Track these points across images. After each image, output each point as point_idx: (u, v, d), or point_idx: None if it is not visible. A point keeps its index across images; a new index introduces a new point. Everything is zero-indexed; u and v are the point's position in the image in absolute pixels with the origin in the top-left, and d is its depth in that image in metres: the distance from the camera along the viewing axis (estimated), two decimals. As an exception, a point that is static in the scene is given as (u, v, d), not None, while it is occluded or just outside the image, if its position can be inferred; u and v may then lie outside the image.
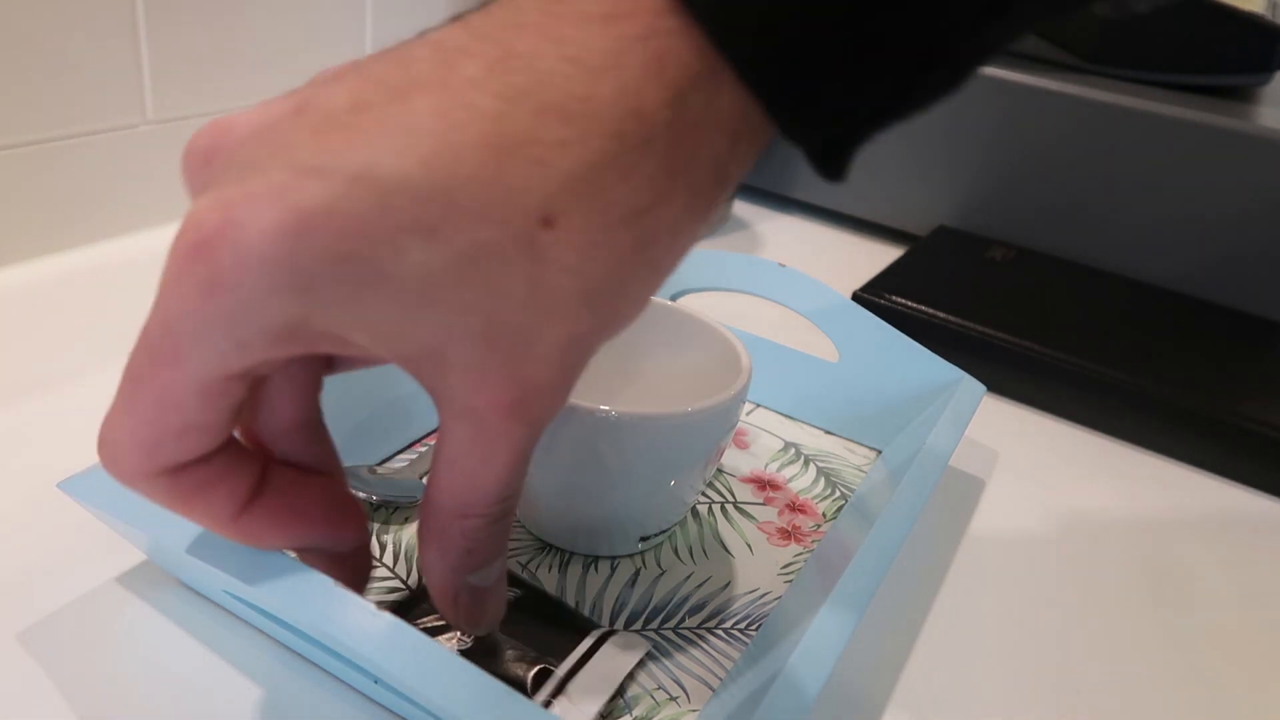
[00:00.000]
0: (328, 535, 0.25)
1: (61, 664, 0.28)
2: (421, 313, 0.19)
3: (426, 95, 0.18)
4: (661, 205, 0.19)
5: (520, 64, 0.18)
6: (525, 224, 0.18)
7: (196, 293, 0.18)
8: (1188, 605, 0.38)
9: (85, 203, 0.53)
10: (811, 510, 0.40)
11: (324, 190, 0.18)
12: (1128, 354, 0.50)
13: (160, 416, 0.20)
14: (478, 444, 0.21)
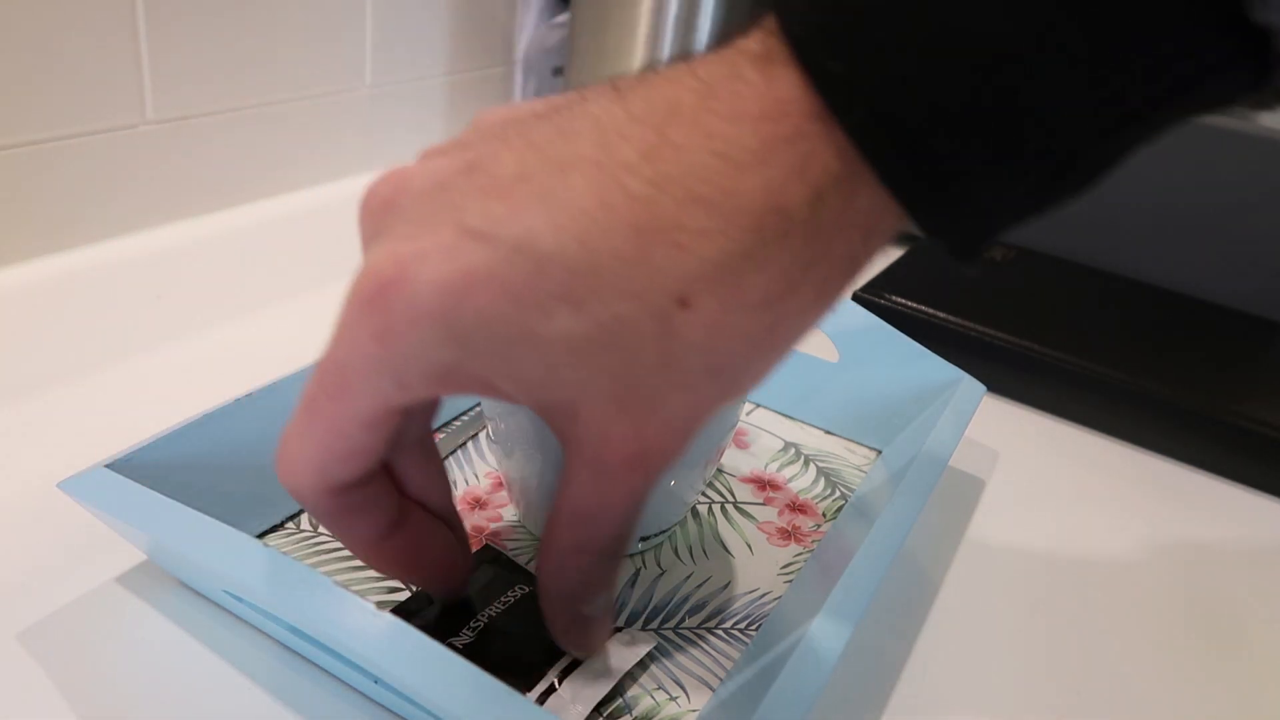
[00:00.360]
0: (441, 581, 0.28)
1: (61, 664, 0.28)
2: (562, 370, 0.21)
3: (584, 174, 0.20)
4: (792, 295, 0.21)
5: (672, 154, 0.20)
6: (663, 302, 0.20)
7: (370, 338, 0.21)
8: (1187, 605, 0.38)
9: (85, 203, 0.53)
10: (811, 510, 0.40)
11: (488, 255, 0.20)
12: (1128, 354, 0.50)
13: (331, 441, 0.23)
14: (599, 489, 0.23)
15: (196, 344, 0.46)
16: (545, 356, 0.20)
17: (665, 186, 0.20)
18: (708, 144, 0.20)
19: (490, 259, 0.20)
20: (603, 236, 0.20)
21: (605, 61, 0.62)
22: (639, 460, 0.22)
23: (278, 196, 0.64)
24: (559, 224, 0.20)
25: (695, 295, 0.20)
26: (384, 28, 0.67)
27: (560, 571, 0.25)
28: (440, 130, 0.76)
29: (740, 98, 0.20)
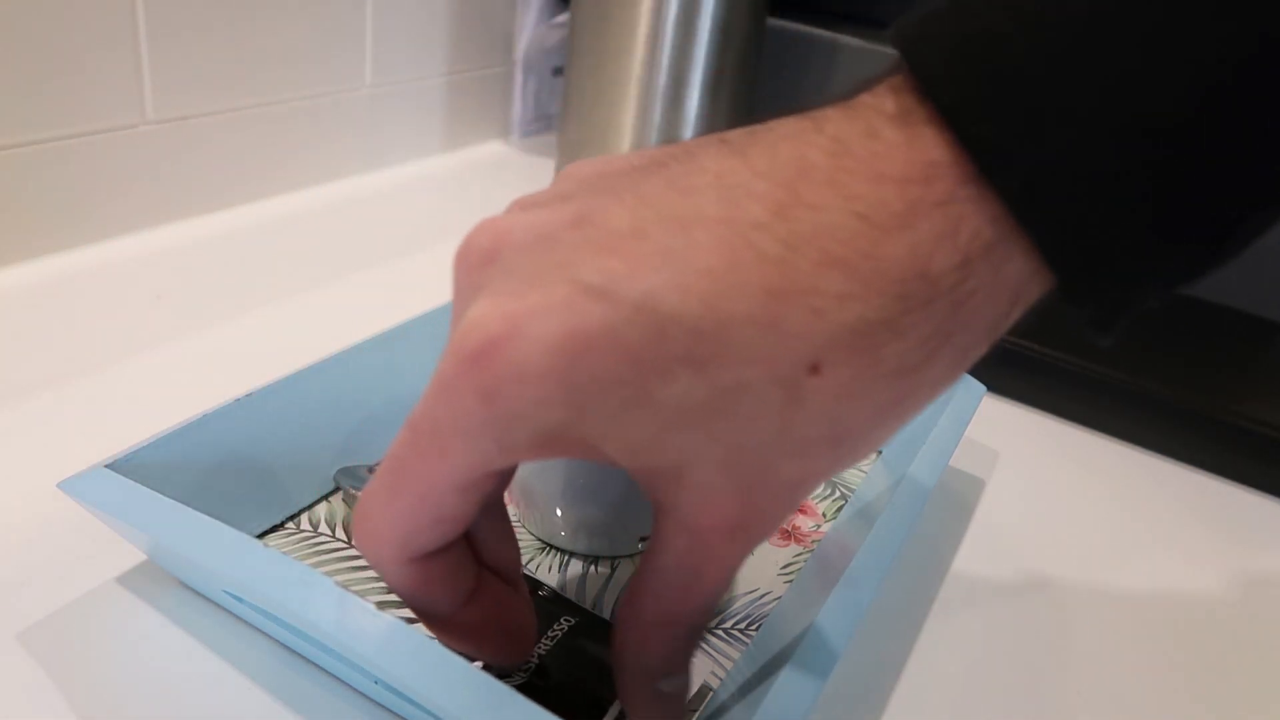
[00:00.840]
0: (508, 652, 0.26)
1: (61, 664, 0.28)
2: (673, 434, 0.19)
3: (709, 231, 0.19)
4: (929, 365, 0.20)
5: (806, 214, 0.19)
6: (792, 370, 0.19)
7: (474, 398, 0.19)
8: (1187, 605, 0.38)
9: (85, 203, 0.53)
10: (811, 510, 0.40)
11: (607, 314, 0.18)
12: (1128, 354, 0.50)
13: (419, 508, 0.21)
14: (693, 558, 0.21)
15: (196, 344, 0.46)
16: (657, 420, 0.19)
17: (799, 247, 0.18)
18: (846, 205, 0.19)
19: (609, 318, 0.18)
20: (731, 298, 0.18)
21: (605, 61, 0.62)
22: (740, 530, 0.21)
23: (278, 196, 0.64)
24: (683, 284, 0.18)
25: (827, 363, 0.19)
26: (384, 28, 0.67)
27: (643, 644, 0.23)
28: (440, 130, 0.76)
29: (880, 158, 0.19)
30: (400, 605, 0.31)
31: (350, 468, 0.36)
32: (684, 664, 0.24)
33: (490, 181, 0.73)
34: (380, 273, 0.56)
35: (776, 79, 0.72)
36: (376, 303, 0.52)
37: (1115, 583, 0.39)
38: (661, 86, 0.61)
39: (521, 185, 0.73)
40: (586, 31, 0.63)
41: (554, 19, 0.75)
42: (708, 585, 0.22)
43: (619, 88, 0.62)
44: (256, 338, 0.47)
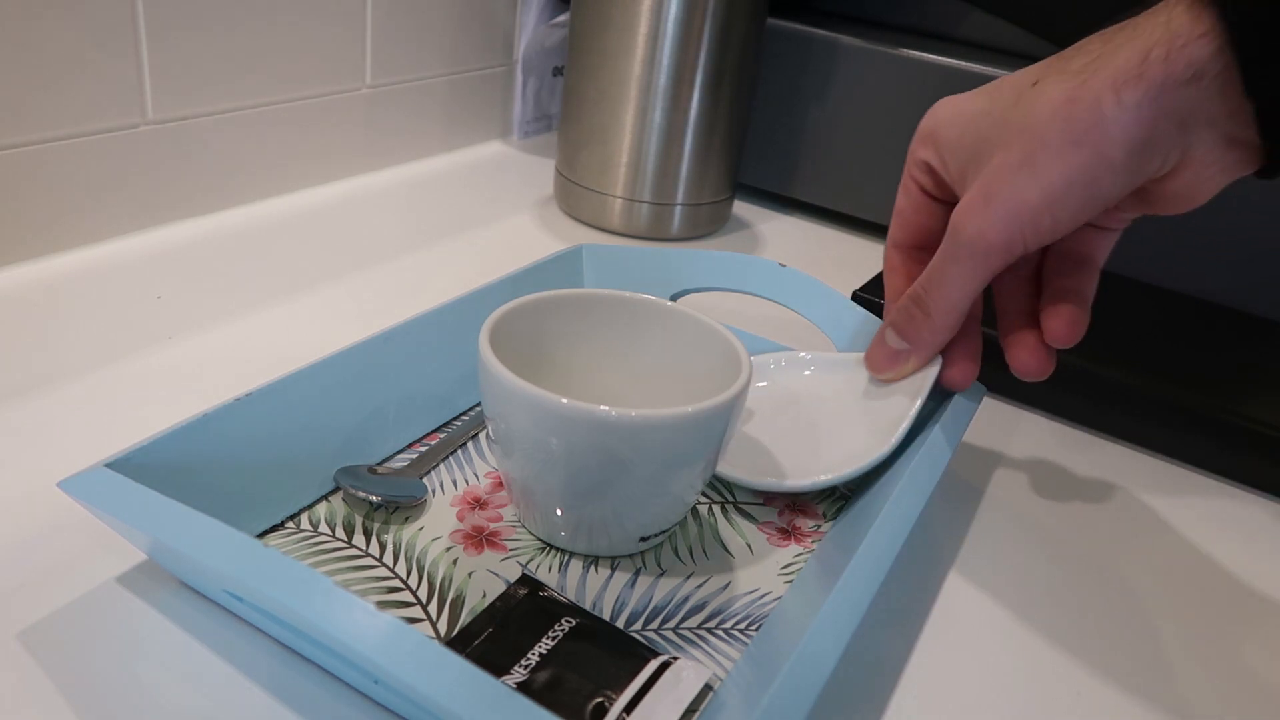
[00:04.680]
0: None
1: (61, 664, 0.28)
2: (971, 137, 0.37)
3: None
4: (1097, 73, 0.32)
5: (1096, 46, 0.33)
6: (1026, 83, 0.35)
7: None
8: (1188, 605, 0.38)
9: (85, 203, 0.53)
10: (811, 510, 0.40)
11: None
12: (1128, 354, 0.50)
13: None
14: (947, 236, 0.37)
15: (196, 344, 0.46)
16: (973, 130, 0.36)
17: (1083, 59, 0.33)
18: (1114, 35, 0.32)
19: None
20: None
21: (605, 61, 0.62)
22: (959, 220, 0.35)
23: (278, 196, 0.64)
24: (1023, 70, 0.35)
25: (1044, 78, 0.33)
26: (384, 28, 0.67)
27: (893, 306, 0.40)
28: (440, 130, 0.76)
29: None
30: (400, 605, 0.31)
31: (350, 468, 0.36)
32: (901, 326, 0.39)
33: (490, 181, 0.73)
34: (380, 273, 0.56)
35: (776, 79, 0.72)
36: (376, 303, 0.52)
37: (1115, 583, 0.39)
38: (661, 86, 0.61)
39: (521, 185, 0.73)
40: (586, 31, 0.63)
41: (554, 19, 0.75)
42: (942, 260, 0.36)
43: (619, 88, 0.62)
44: (256, 338, 0.47)
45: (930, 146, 0.38)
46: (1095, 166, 0.32)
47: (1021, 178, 0.33)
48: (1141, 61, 0.30)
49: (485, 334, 0.34)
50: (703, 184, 0.66)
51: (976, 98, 0.36)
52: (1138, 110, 0.31)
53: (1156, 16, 0.31)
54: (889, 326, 0.39)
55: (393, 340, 0.39)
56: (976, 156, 0.35)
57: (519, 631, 0.30)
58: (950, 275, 0.36)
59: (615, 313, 0.39)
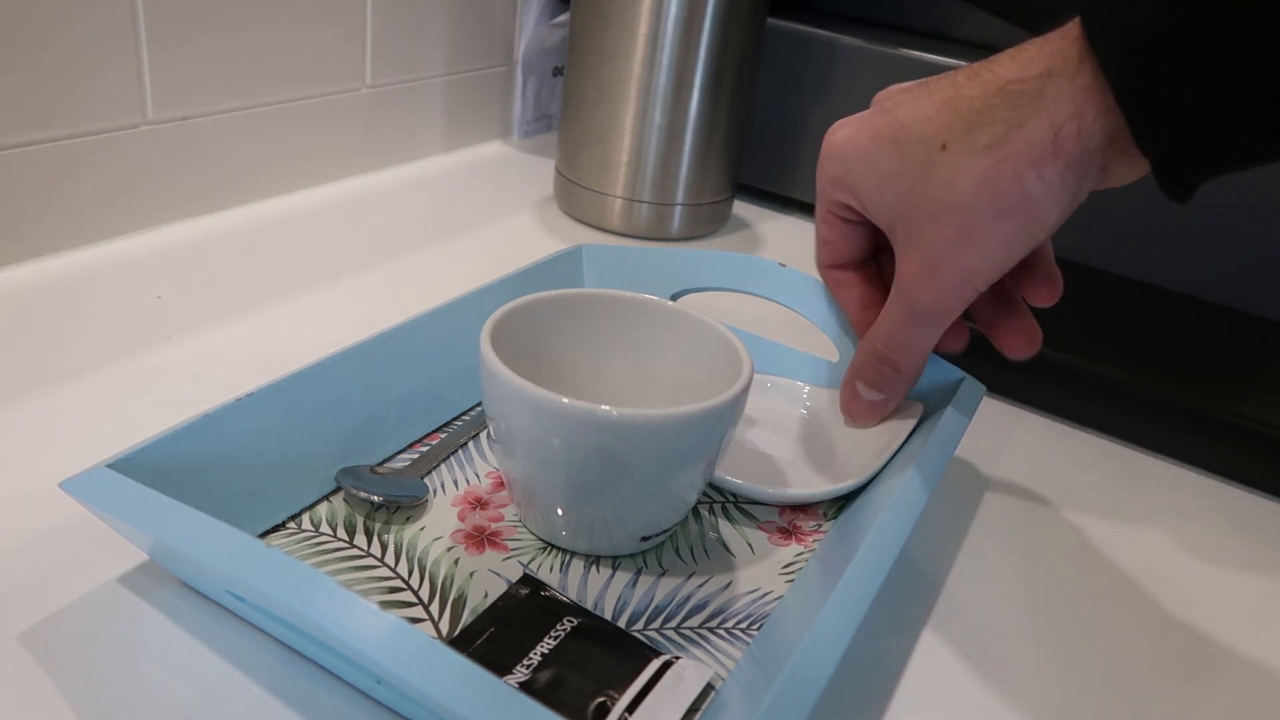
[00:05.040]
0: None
1: (62, 664, 0.28)
2: (883, 192, 0.37)
3: (935, 98, 0.35)
4: (1005, 144, 0.32)
5: (985, 78, 0.34)
6: (935, 145, 0.34)
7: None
8: (1188, 605, 0.38)
9: (85, 203, 0.53)
10: (812, 510, 0.40)
11: (877, 119, 0.37)
12: (1128, 354, 0.51)
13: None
14: (890, 305, 0.39)
15: (196, 344, 0.46)
16: (878, 178, 0.36)
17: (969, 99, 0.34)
18: (998, 69, 0.33)
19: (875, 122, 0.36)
20: (929, 119, 0.34)
21: (605, 61, 0.62)
22: (909, 287, 0.36)
23: (278, 196, 0.64)
24: (919, 112, 0.35)
25: (951, 142, 0.33)
26: (384, 28, 0.67)
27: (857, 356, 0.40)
28: (440, 130, 0.76)
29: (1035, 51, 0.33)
30: (402, 605, 0.31)
31: (351, 468, 0.36)
32: (873, 381, 0.40)
33: (490, 181, 0.73)
34: (380, 273, 0.56)
35: (776, 79, 0.72)
36: (376, 303, 0.52)
37: (1115, 583, 0.39)
38: (661, 86, 0.61)
39: (521, 185, 0.73)
40: (586, 31, 0.63)
41: (554, 19, 0.75)
42: (889, 323, 0.38)
43: (619, 88, 0.62)
44: (256, 338, 0.47)
45: (847, 193, 0.38)
46: (1030, 230, 0.33)
47: (962, 250, 0.34)
48: (1054, 139, 0.31)
49: (486, 334, 0.34)
50: (703, 184, 0.66)
51: (882, 151, 0.36)
52: (1061, 182, 0.32)
53: (1055, 84, 0.31)
54: (859, 381, 0.40)
55: (393, 340, 0.39)
56: (905, 219, 0.35)
57: (521, 631, 0.30)
58: (913, 337, 0.38)
59: (615, 313, 0.39)
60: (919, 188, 0.34)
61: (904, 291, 0.37)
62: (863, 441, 0.41)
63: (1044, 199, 0.32)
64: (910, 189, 0.35)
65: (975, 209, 0.33)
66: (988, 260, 0.34)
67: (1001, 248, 0.34)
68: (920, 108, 0.35)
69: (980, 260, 0.34)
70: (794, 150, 0.73)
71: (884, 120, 0.36)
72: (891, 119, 0.36)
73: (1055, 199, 0.32)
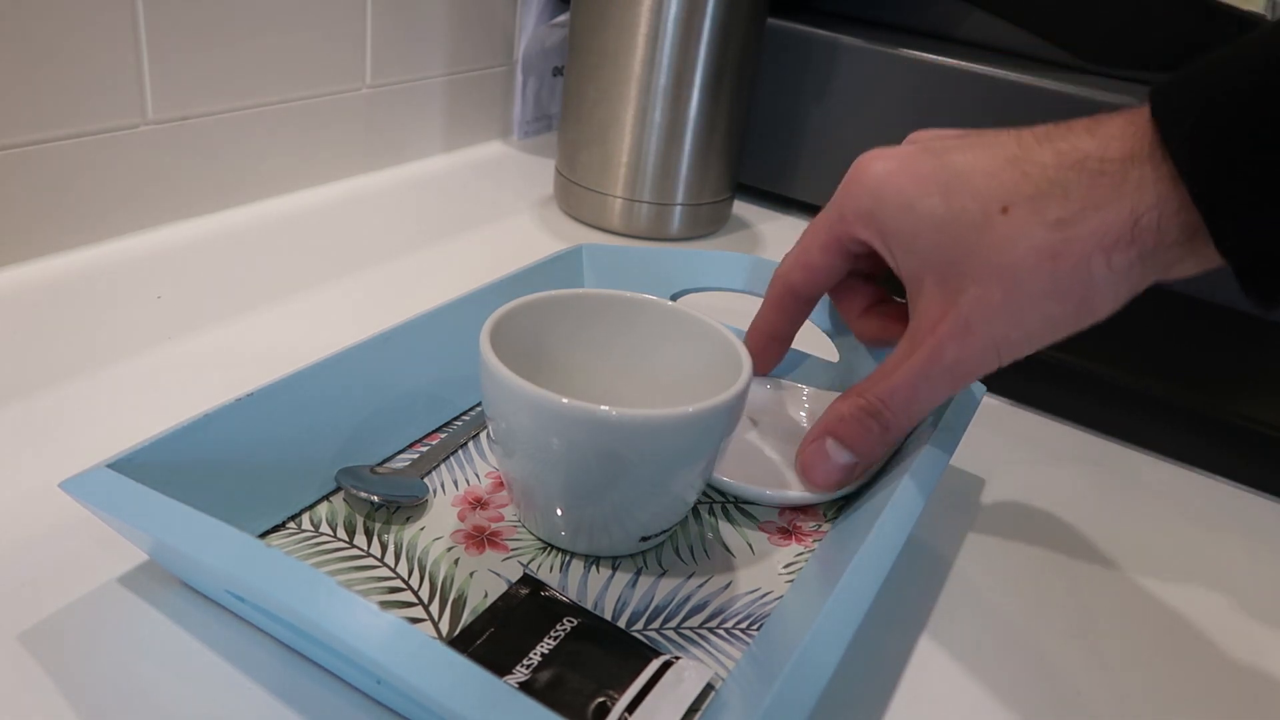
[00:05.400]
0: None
1: (62, 664, 0.28)
2: (918, 240, 0.34)
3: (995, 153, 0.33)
4: (1079, 224, 0.30)
5: (1056, 147, 0.32)
6: (994, 206, 0.32)
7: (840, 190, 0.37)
8: (1188, 606, 0.38)
9: (85, 203, 0.53)
10: (812, 510, 0.40)
11: (928, 161, 0.34)
12: (1128, 354, 0.51)
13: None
14: (900, 353, 0.36)
15: (196, 344, 0.46)
16: (914, 223, 0.33)
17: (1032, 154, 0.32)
18: (1071, 141, 0.31)
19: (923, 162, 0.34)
20: (987, 171, 0.32)
21: (605, 61, 0.62)
22: (936, 344, 0.33)
23: (278, 196, 0.64)
24: (978, 165, 0.32)
25: (1014, 206, 0.31)
26: (384, 28, 0.67)
27: (835, 408, 0.37)
28: (440, 130, 0.76)
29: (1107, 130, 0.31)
30: (402, 605, 0.31)
31: (351, 468, 0.36)
32: (852, 440, 0.36)
33: (490, 181, 0.73)
34: (380, 273, 0.56)
35: (776, 79, 0.72)
36: (376, 303, 0.52)
37: (1115, 583, 0.39)
38: (661, 86, 0.61)
39: (521, 185, 0.73)
40: (586, 31, 0.63)
41: (554, 19, 0.75)
42: (900, 378, 0.35)
43: (619, 88, 0.62)
44: (256, 338, 0.47)
45: (874, 232, 0.35)
46: (1078, 315, 0.32)
47: (1003, 318, 0.32)
48: (1132, 225, 0.30)
49: (486, 334, 0.34)
50: (703, 184, 0.66)
51: (926, 196, 0.33)
52: (1128, 273, 0.30)
53: (1139, 171, 0.30)
54: (830, 437, 0.37)
55: (393, 340, 0.39)
56: (941, 274, 0.33)
57: (521, 631, 0.30)
58: (922, 393, 0.35)
59: (615, 313, 0.39)
60: (967, 245, 0.32)
61: (927, 346, 0.34)
62: None
63: (1106, 288, 0.31)
64: (954, 244, 0.32)
65: (1030, 282, 0.31)
66: (1025, 335, 0.32)
67: (1044, 326, 0.32)
68: (979, 160, 0.32)
69: (1018, 333, 0.32)
70: (794, 150, 0.73)
71: (932, 164, 0.33)
72: (942, 165, 0.33)
73: (1116, 289, 0.31)
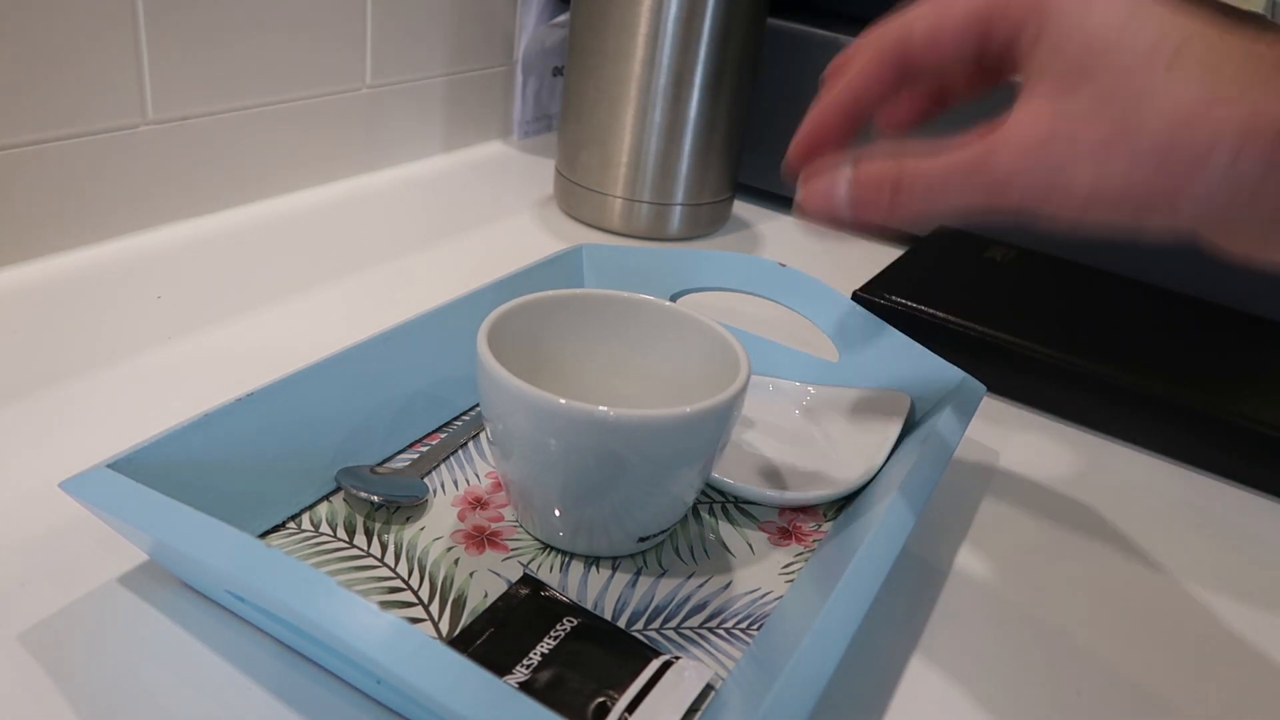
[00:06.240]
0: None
1: (62, 664, 0.28)
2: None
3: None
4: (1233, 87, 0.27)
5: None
6: (1164, 51, 0.27)
7: None
8: (1188, 606, 0.38)
9: (85, 203, 0.53)
10: (812, 510, 0.40)
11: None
12: (1128, 354, 0.51)
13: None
14: (973, 144, 0.30)
15: (196, 344, 0.46)
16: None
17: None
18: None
19: None
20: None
21: (605, 61, 0.62)
22: (1004, 140, 0.29)
23: (278, 196, 0.64)
24: (1187, 18, 0.28)
25: (1185, 56, 0.27)
26: (384, 28, 0.67)
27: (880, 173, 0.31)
28: (440, 130, 0.76)
29: None
30: (402, 605, 0.31)
31: (351, 468, 0.37)
32: (860, 185, 0.32)
33: (490, 181, 0.73)
34: (380, 273, 0.56)
35: (776, 79, 0.72)
36: (376, 303, 0.52)
37: (1115, 583, 0.39)
38: (661, 86, 0.61)
39: (521, 185, 0.73)
40: (586, 31, 0.63)
41: (554, 19, 0.75)
42: (947, 152, 0.30)
43: (619, 88, 0.62)
44: (256, 338, 0.47)
45: (1037, 16, 0.30)
46: (1159, 202, 0.27)
47: (1089, 155, 0.28)
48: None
49: (484, 334, 0.34)
50: (703, 184, 0.66)
51: (1115, 7, 0.28)
52: (1242, 178, 0.26)
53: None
54: (849, 181, 0.32)
55: (393, 340, 0.39)
56: (1064, 84, 0.28)
57: (521, 631, 0.30)
58: (950, 199, 0.30)
59: (615, 313, 0.39)
60: (1114, 70, 0.27)
61: (988, 143, 0.29)
62: (863, 442, 0.41)
63: (1211, 183, 0.26)
64: (1100, 62, 0.27)
65: (1144, 134, 0.27)
66: (1094, 188, 0.28)
67: (1120, 191, 0.27)
68: (1192, 17, 0.27)
69: (1089, 180, 0.28)
70: (794, 150, 0.73)
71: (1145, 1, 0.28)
72: (1153, 6, 0.28)
73: (1215, 195, 0.26)
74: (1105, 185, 0.28)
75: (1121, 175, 0.27)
